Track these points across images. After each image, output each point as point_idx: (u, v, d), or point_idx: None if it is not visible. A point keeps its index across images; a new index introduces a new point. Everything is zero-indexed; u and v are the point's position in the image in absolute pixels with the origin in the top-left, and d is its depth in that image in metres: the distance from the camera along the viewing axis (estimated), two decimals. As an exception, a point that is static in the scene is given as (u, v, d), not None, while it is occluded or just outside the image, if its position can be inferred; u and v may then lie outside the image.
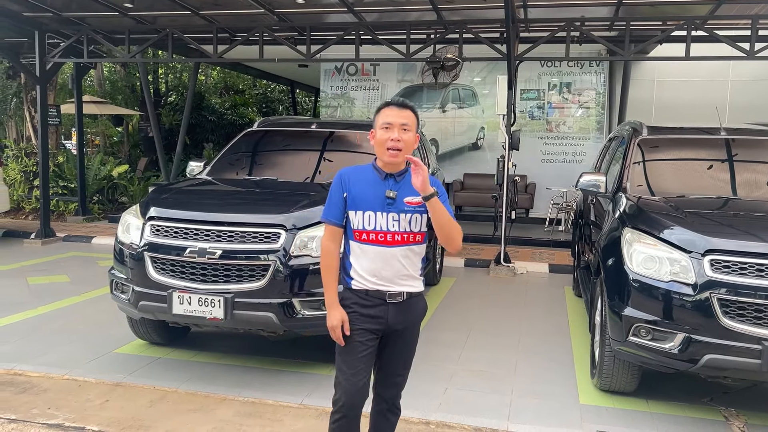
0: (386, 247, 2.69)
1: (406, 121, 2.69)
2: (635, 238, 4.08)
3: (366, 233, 2.70)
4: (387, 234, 2.69)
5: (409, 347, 2.84)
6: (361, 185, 2.73)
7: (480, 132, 13.12)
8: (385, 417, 2.90)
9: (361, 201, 2.71)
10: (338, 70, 13.63)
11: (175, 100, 19.23)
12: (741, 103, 11.43)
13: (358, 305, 2.72)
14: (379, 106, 2.78)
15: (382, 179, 2.73)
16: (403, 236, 2.70)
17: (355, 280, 2.74)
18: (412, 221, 2.71)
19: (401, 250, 2.71)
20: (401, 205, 2.69)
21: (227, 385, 4.40)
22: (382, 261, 2.69)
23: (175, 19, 9.98)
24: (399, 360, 2.83)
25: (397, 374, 2.85)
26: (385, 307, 2.71)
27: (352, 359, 2.71)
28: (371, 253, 2.70)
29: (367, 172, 2.78)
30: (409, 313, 2.77)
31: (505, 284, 7.97)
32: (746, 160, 5.16)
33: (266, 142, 6.26)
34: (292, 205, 4.50)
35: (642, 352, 3.90)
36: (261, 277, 4.19)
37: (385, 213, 2.69)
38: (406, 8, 8.95)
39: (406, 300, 2.74)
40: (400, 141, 2.66)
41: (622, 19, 8.63)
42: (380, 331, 2.74)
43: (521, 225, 11.38)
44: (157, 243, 4.42)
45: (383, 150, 2.69)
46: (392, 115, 2.69)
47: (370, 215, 2.70)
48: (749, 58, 8.09)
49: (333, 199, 2.77)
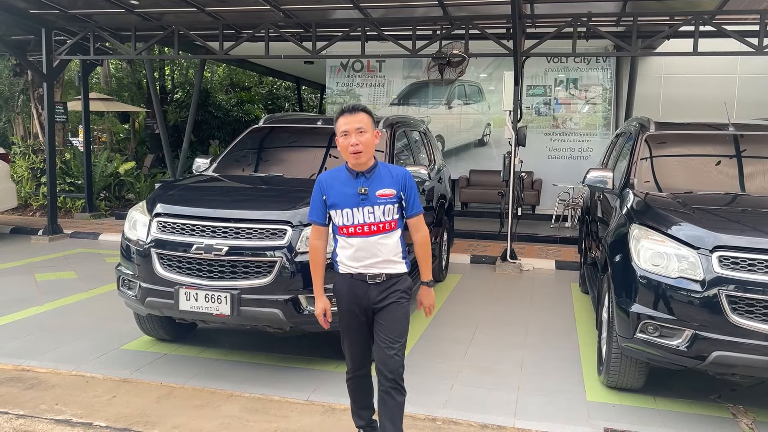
0: (366, 237, 3.04)
1: (360, 125, 3.00)
2: (643, 234, 4.05)
3: (347, 228, 3.05)
4: (365, 225, 3.03)
5: (396, 322, 3.10)
6: (337, 187, 3.08)
7: (486, 128, 13.09)
8: (391, 396, 3.07)
9: (339, 201, 3.06)
10: (344, 66, 13.61)
11: (181, 97, 19.26)
12: (749, 98, 11.34)
13: (346, 286, 3.12)
14: (336, 115, 3.10)
15: (354, 178, 3.06)
16: (379, 225, 3.04)
17: (341, 266, 3.13)
18: (385, 211, 3.05)
19: (379, 238, 3.05)
20: (374, 198, 3.03)
21: (234, 381, 4.41)
22: (363, 250, 3.05)
23: (181, 15, 9.97)
24: (388, 334, 3.08)
25: (387, 347, 3.07)
26: (366, 287, 3.07)
27: (350, 332, 3.18)
28: (355, 243, 3.05)
29: (341, 173, 3.12)
30: (390, 292, 3.09)
31: (512, 281, 7.95)
32: (755, 156, 5.12)
33: (272, 138, 6.26)
34: (298, 201, 4.49)
35: (649, 348, 3.88)
36: (267, 273, 4.19)
37: (360, 207, 3.03)
38: (412, 4, 8.91)
39: (386, 280, 3.08)
40: (359, 144, 2.99)
41: (630, 14, 8.57)
42: (366, 307, 3.10)
43: (527, 221, 11.35)
44: (163, 239, 4.43)
45: (347, 154, 3.04)
46: (347, 122, 3.02)
47: (348, 212, 3.05)
48: (758, 53, 8.02)
49: (315, 203, 3.14)
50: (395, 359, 3.06)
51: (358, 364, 3.24)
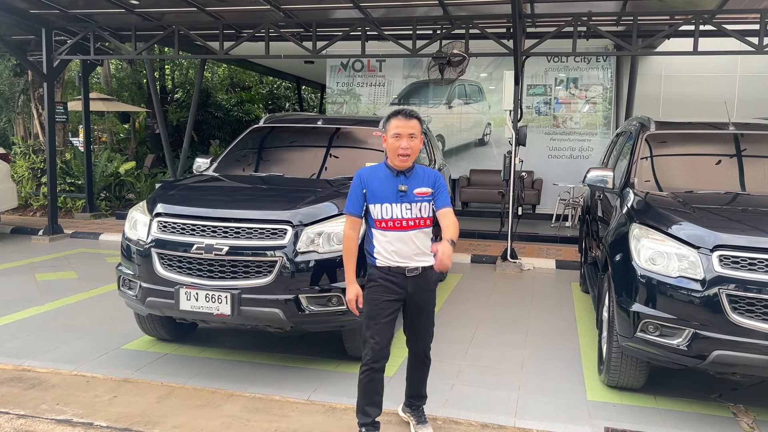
0: (403, 231, 3.30)
1: (412, 131, 3.29)
2: (643, 233, 4.05)
3: (385, 221, 3.30)
4: (402, 221, 3.29)
5: (428, 309, 3.49)
6: (377, 182, 3.32)
7: (486, 128, 13.09)
8: (419, 366, 3.61)
9: (379, 195, 3.30)
10: (344, 66, 13.61)
11: (181, 96, 19.27)
12: (749, 97, 11.34)
13: (383, 279, 3.34)
14: (389, 115, 3.37)
15: (395, 176, 3.33)
16: (416, 221, 3.31)
17: (379, 259, 3.34)
18: (422, 209, 3.33)
19: (414, 233, 3.32)
20: (412, 196, 3.30)
21: (234, 380, 4.42)
22: (400, 243, 3.30)
23: (182, 15, 9.97)
24: (422, 320, 3.49)
25: (423, 330, 3.51)
26: (404, 279, 3.33)
27: (377, 323, 3.35)
28: (391, 237, 3.30)
29: (380, 170, 3.38)
30: (424, 283, 3.39)
31: (512, 280, 7.95)
32: (755, 155, 5.12)
33: (273, 138, 6.26)
34: (299, 201, 4.50)
35: (650, 348, 3.88)
36: (268, 273, 4.19)
37: (399, 204, 3.29)
38: (413, 4, 8.91)
39: (421, 273, 3.35)
40: (409, 148, 3.27)
41: (630, 13, 8.56)
42: (401, 299, 3.37)
43: (528, 221, 11.35)
44: (164, 239, 4.43)
45: (395, 155, 3.29)
46: (401, 126, 3.29)
47: (387, 207, 3.30)
48: (758, 53, 8.02)
49: (354, 195, 3.37)
50: (427, 340, 3.55)
51: (378, 355, 3.36)
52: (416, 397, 3.71)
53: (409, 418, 3.75)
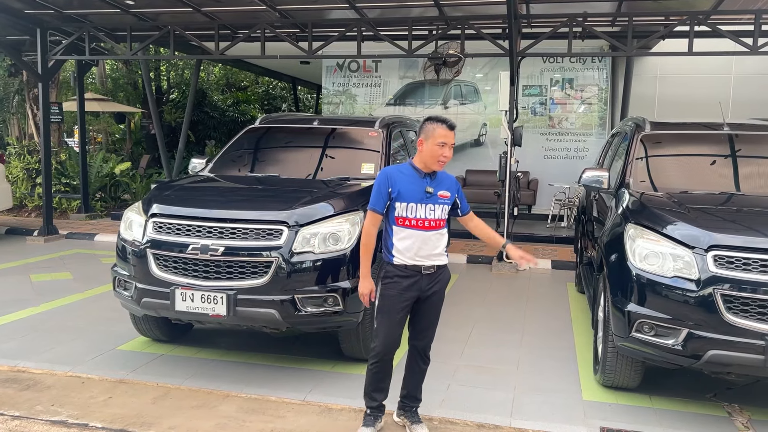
0: (425, 231, 3.43)
1: (453, 141, 3.47)
2: (638, 233, 4.06)
3: (408, 220, 3.43)
4: (425, 221, 3.43)
5: (436, 307, 3.59)
6: (404, 182, 3.45)
7: (482, 128, 13.10)
8: (418, 365, 3.65)
9: (407, 195, 3.43)
10: (340, 66, 13.61)
11: (177, 97, 19.24)
12: (744, 98, 11.38)
13: (399, 276, 3.45)
14: (432, 121, 3.47)
15: (421, 177, 3.47)
16: (437, 222, 3.46)
17: (396, 257, 3.45)
18: (443, 210, 3.49)
19: (435, 234, 3.46)
20: (437, 198, 3.46)
21: (230, 381, 4.41)
22: (421, 242, 3.43)
23: (177, 15, 9.96)
24: (428, 318, 3.58)
25: (427, 328, 3.60)
26: (420, 277, 3.45)
27: (391, 318, 3.46)
28: (413, 236, 3.43)
29: (406, 170, 3.50)
30: (438, 282, 3.52)
31: (508, 280, 7.97)
32: (750, 156, 5.14)
33: (268, 138, 6.25)
34: (295, 201, 4.50)
35: (645, 348, 3.89)
36: (263, 273, 4.19)
37: (424, 204, 3.44)
38: (408, 4, 8.92)
39: (436, 271, 3.49)
40: (449, 156, 3.44)
41: (625, 14, 8.59)
42: (415, 296, 3.47)
43: (523, 221, 11.37)
44: (159, 240, 4.42)
45: (434, 161, 3.43)
46: (446, 136, 3.43)
47: (412, 206, 3.43)
48: (752, 53, 8.06)
49: (379, 193, 3.45)
50: (429, 337, 3.63)
51: (389, 347, 3.50)
52: (410, 398, 3.73)
53: (403, 421, 3.76)
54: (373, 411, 3.67)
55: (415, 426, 3.68)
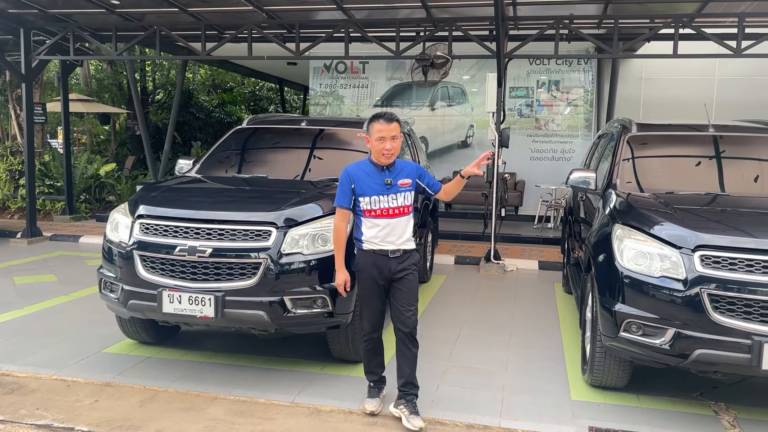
0: (391, 219, 3.72)
1: (394, 133, 3.70)
2: (626, 234, 4.09)
3: (374, 211, 3.72)
4: (390, 209, 3.72)
5: (410, 288, 3.79)
6: (364, 178, 3.73)
7: (469, 130, 13.15)
8: (408, 348, 3.82)
9: (367, 189, 3.71)
10: (327, 68, 13.59)
11: (162, 98, 19.10)
12: (727, 100, 11.52)
13: (369, 262, 3.75)
14: (372, 119, 3.77)
15: (380, 171, 3.75)
16: (401, 209, 3.74)
17: (365, 244, 3.76)
18: (406, 197, 3.76)
19: (400, 220, 3.75)
20: (397, 187, 3.73)
21: (218, 383, 4.38)
22: (388, 228, 3.72)
23: (163, 16, 9.89)
24: (404, 299, 3.77)
25: (405, 310, 3.77)
26: (387, 260, 3.73)
27: (370, 300, 3.83)
28: (380, 224, 3.72)
29: (366, 166, 3.80)
30: (405, 263, 3.76)
31: (496, 281, 7.99)
32: (734, 157, 5.19)
33: (256, 139, 6.22)
34: (283, 202, 4.47)
35: (633, 347, 3.91)
36: (252, 275, 4.16)
37: (386, 195, 3.71)
38: (396, 6, 8.93)
39: (402, 255, 3.76)
40: (392, 148, 3.70)
41: (611, 17, 8.65)
42: (386, 278, 3.75)
43: (511, 222, 11.41)
44: (146, 241, 4.38)
45: (380, 155, 3.71)
46: (383, 129, 3.69)
47: (375, 198, 3.71)
48: (736, 56, 8.15)
49: (343, 190, 3.77)
50: (411, 318, 3.78)
51: (374, 326, 3.87)
52: (408, 385, 3.84)
53: (401, 411, 3.81)
54: (375, 384, 4.01)
55: (413, 417, 3.74)
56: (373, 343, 3.93)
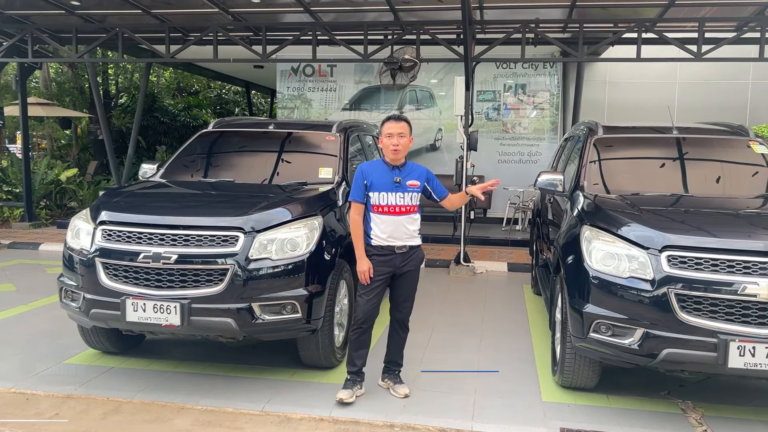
0: (396, 216, 4.02)
1: (401, 130, 4.05)
2: (594, 235, 4.12)
3: (381, 207, 4.02)
4: (396, 207, 4.02)
5: (411, 282, 4.17)
6: (376, 174, 4.05)
7: (438, 133, 13.18)
8: (398, 333, 4.28)
9: (378, 185, 4.02)
10: (295, 71, 13.49)
11: (126, 101, 18.71)
12: (688, 103, 11.78)
13: (375, 255, 4.05)
14: (384, 120, 4.15)
15: (390, 170, 4.08)
16: (407, 208, 4.04)
17: (374, 239, 4.06)
18: (413, 197, 4.08)
19: (406, 218, 4.05)
20: (405, 186, 4.04)
21: (185, 393, 4.27)
22: (393, 225, 4.02)
23: (125, 17, 9.71)
24: (405, 291, 4.17)
25: (404, 301, 4.20)
26: (394, 255, 4.05)
27: (370, 290, 4.05)
28: (387, 220, 4.02)
29: (379, 165, 4.13)
30: (411, 259, 4.12)
31: (466, 284, 8.00)
32: (698, 158, 5.29)
33: (222, 143, 6.11)
34: (251, 207, 4.39)
35: (602, 348, 3.94)
36: (219, 281, 4.07)
37: (394, 192, 4.02)
38: (363, 9, 8.91)
39: (408, 251, 4.08)
40: (399, 144, 4.03)
41: (576, 21, 8.78)
42: (391, 271, 4.06)
43: (479, 225, 11.47)
44: (108, 248, 4.25)
45: (389, 151, 4.05)
46: (392, 127, 4.06)
47: (384, 195, 4.01)
48: (697, 60, 8.34)
49: (357, 186, 4.07)
50: (406, 309, 4.23)
51: (368, 317, 4.08)
52: (392, 363, 4.32)
53: (387, 384, 4.30)
54: (353, 376, 4.18)
55: (397, 386, 4.25)
56: (361, 333, 4.11)
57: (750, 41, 8.88)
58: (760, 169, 5.06)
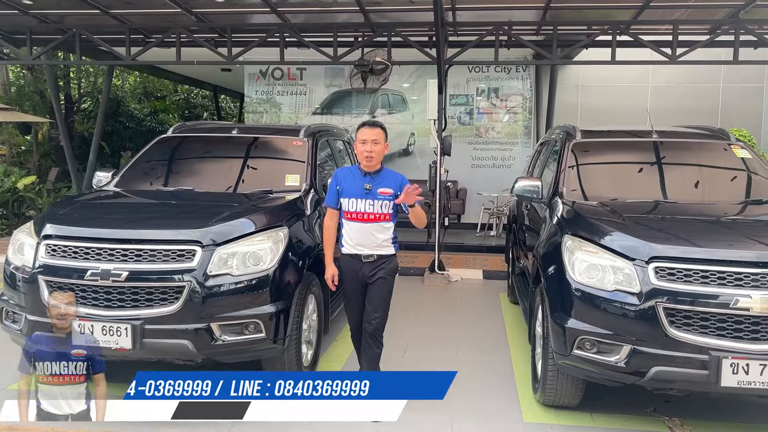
0: (364, 223, 3.91)
1: (375, 137, 3.94)
2: (576, 245, 3.90)
3: (350, 213, 3.93)
4: (364, 214, 3.91)
5: (381, 293, 4.00)
6: (349, 180, 3.98)
7: (410, 138, 12.96)
8: (371, 347, 4.07)
9: (348, 190, 3.94)
10: (263, 74, 13.14)
11: (89, 106, 18.12)
12: (660, 107, 11.71)
13: (347, 263, 4.01)
14: (359, 125, 4.04)
15: (363, 176, 3.97)
16: (376, 216, 3.92)
17: (344, 246, 4.00)
18: (383, 206, 3.93)
19: (374, 226, 3.93)
20: (375, 194, 3.90)
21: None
22: (360, 233, 3.93)
23: (84, 18, 9.28)
24: (373, 302, 4.00)
25: (373, 313, 4.00)
26: (361, 264, 3.96)
27: (350, 300, 4.12)
28: (355, 227, 3.93)
29: (353, 171, 4.07)
30: (379, 269, 3.97)
31: (441, 292, 7.77)
32: (680, 163, 5.11)
33: (183, 149, 5.76)
34: (211, 218, 4.09)
35: (587, 365, 3.71)
36: (174, 300, 3.75)
37: (363, 199, 3.91)
38: (333, 10, 8.65)
39: (377, 260, 3.96)
40: (372, 151, 3.91)
41: (550, 23, 8.63)
42: (361, 281, 3.99)
43: (453, 231, 11.24)
44: (53, 265, 3.91)
45: (362, 158, 3.96)
46: (366, 133, 3.94)
47: (353, 201, 3.92)
48: (672, 63, 8.25)
49: (331, 191, 4.03)
50: (376, 321, 4.01)
51: (357, 324, 4.14)
52: None
53: None
54: None
55: None
56: (355, 336, 4.22)
57: (723, 44, 8.84)
58: (743, 174, 4.90)
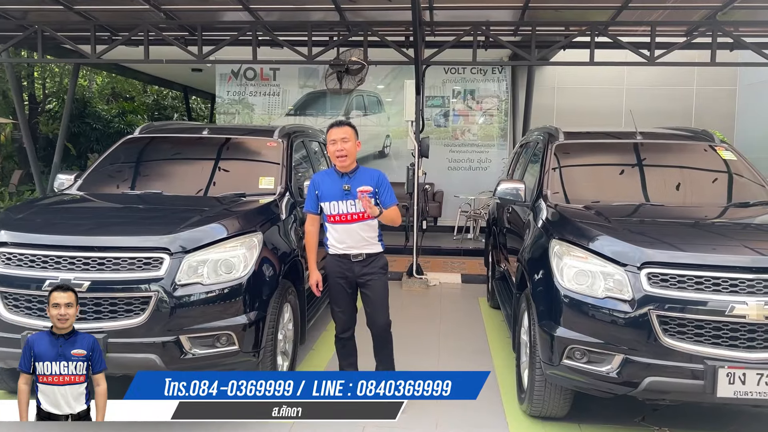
0: (349, 224, 3.90)
1: (344, 135, 3.94)
2: (565, 250, 3.75)
3: (333, 216, 3.92)
4: (348, 215, 3.90)
5: (377, 291, 4.01)
6: (326, 184, 3.96)
7: (386, 140, 12.78)
8: (381, 345, 4.12)
9: (328, 195, 3.93)
10: (235, 74, 12.84)
11: (55, 107, 17.57)
12: (635, 109, 11.52)
13: (335, 264, 3.99)
14: (327, 128, 4.06)
15: (340, 177, 3.95)
16: (359, 215, 3.88)
17: (331, 248, 4.00)
18: None
19: (359, 225, 3.91)
20: (355, 194, 3.81)
21: (103, 441, 3.65)
22: (346, 234, 3.92)
23: (47, 14, 8.90)
24: (374, 304, 4.02)
25: (375, 312, 4.03)
26: (350, 264, 3.96)
27: (338, 301, 4.06)
28: (340, 229, 3.93)
29: (330, 173, 4.05)
30: (369, 267, 3.97)
31: (419, 297, 7.60)
32: (666, 165, 5.00)
33: (150, 150, 5.49)
34: (179, 223, 3.85)
35: (577, 375, 3.56)
36: (140, 311, 3.51)
37: (344, 201, 3.89)
38: (308, 7, 8.42)
39: (365, 258, 3.96)
40: (343, 149, 3.91)
41: (528, 23, 8.52)
42: (351, 279, 3.98)
43: (431, 234, 11.10)
44: (7, 275, 3.63)
45: (334, 158, 3.96)
46: (335, 133, 3.95)
47: (334, 204, 3.91)
48: (650, 64, 8.21)
49: (310, 196, 4.04)
50: (381, 319, 4.04)
51: (344, 327, 4.08)
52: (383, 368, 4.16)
53: None
54: None
55: None
56: (344, 342, 4.11)
57: (701, 46, 8.83)
58: (728, 176, 4.81)
